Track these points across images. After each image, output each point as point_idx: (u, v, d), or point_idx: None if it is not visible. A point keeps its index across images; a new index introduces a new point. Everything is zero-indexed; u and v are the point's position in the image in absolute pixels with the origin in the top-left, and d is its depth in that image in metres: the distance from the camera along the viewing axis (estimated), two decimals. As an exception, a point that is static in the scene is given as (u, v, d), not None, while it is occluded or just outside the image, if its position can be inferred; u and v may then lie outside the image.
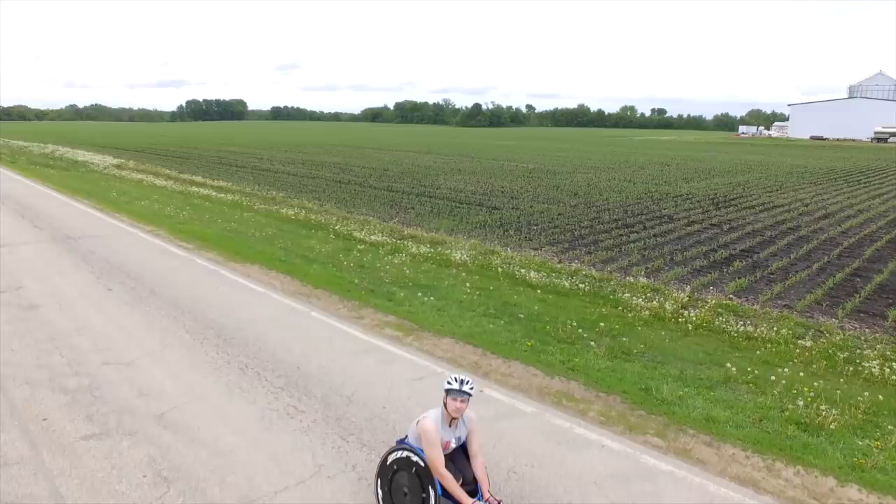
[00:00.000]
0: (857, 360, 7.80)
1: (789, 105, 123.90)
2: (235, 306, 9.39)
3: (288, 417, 5.91)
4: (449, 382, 4.25)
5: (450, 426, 4.32)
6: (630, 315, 9.49)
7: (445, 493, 4.17)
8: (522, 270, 11.80)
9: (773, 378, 7.11)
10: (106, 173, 30.47)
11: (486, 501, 4.16)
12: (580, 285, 10.91)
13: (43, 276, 10.86)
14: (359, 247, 13.81)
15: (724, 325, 9.07)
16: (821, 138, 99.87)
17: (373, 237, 14.74)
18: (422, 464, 4.20)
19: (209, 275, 11.30)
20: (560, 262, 13.10)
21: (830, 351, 8.16)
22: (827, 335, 8.81)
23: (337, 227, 15.97)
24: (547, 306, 9.88)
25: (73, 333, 8.03)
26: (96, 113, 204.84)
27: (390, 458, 4.44)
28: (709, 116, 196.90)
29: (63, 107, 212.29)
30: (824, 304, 10.57)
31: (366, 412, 6.05)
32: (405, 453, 4.34)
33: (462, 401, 4.21)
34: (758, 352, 8.18)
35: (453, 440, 4.35)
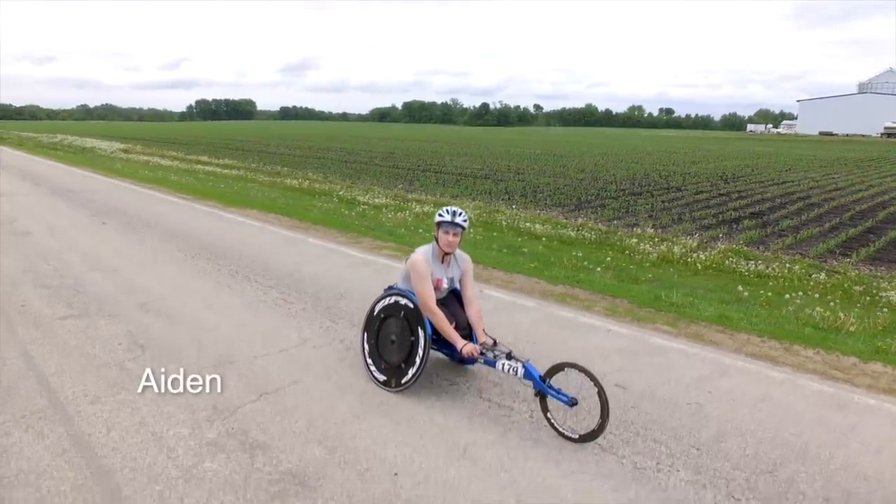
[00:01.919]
0: (874, 293, 7.43)
1: (798, 101, 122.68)
2: (230, 235, 9.17)
3: (276, 306, 5.65)
4: (440, 215, 3.92)
5: (442, 262, 4.01)
6: (638, 257, 9.16)
7: (436, 337, 3.85)
8: (527, 224, 11.49)
9: (787, 298, 6.77)
10: (112, 156, 30.40)
11: (481, 344, 3.81)
12: (586, 234, 10.59)
13: (40, 214, 10.68)
14: (362, 206, 13.56)
15: (734, 266, 8.71)
16: (830, 134, 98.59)
17: (376, 200, 14.48)
18: (411, 305, 3.88)
19: (206, 215, 11.10)
20: (566, 219, 12.78)
21: (846, 285, 7.79)
22: (842, 273, 8.44)
23: (341, 193, 15.72)
24: (552, 250, 9.58)
25: (63, 251, 7.82)
26: (107, 112, 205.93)
27: (378, 308, 4.12)
28: (717, 116, 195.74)
29: (74, 106, 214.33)
30: (837, 253, 10.19)
31: (357, 304, 5.73)
32: (393, 298, 4.02)
33: (454, 234, 3.89)
34: (770, 284, 7.83)
35: (445, 279, 4.02)
